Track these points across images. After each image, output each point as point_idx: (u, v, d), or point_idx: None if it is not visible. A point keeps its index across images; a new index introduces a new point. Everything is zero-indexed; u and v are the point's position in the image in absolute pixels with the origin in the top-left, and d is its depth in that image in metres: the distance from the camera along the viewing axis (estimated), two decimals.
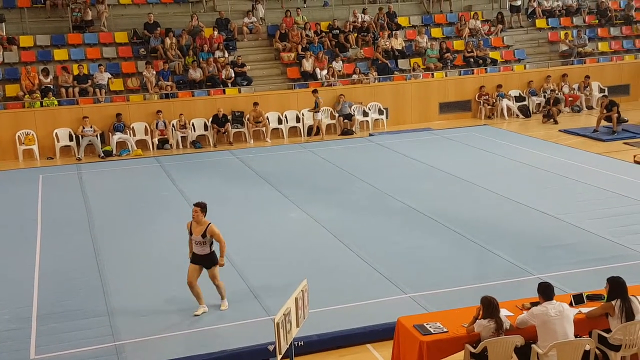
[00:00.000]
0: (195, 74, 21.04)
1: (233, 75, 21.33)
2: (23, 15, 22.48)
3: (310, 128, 20.81)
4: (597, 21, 26.23)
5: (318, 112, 20.37)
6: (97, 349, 8.09)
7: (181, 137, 19.82)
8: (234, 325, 8.52)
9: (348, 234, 11.61)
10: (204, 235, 8.68)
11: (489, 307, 6.80)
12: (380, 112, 21.61)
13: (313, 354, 8.00)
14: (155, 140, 19.64)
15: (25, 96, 19.70)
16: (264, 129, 20.38)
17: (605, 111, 19.26)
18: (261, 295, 9.32)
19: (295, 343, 7.42)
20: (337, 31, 23.55)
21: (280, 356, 6.29)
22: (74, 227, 12.72)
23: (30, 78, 19.95)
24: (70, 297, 9.27)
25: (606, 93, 22.57)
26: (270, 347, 7.70)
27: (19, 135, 19.06)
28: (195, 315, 8.76)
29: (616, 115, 19.03)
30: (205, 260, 8.82)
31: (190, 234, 8.81)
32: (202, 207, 8.79)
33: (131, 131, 19.64)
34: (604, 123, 19.31)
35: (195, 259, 8.86)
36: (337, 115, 20.95)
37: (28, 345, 8.23)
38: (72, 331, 8.50)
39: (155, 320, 8.78)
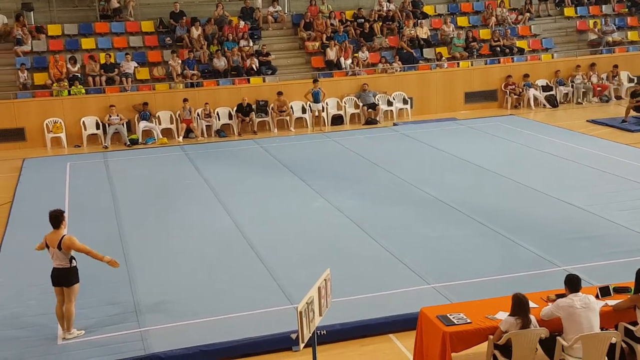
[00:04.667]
0: (220, 63, 21.09)
1: (257, 64, 21.36)
2: (51, 4, 22.70)
3: (334, 117, 20.77)
4: (626, 10, 25.77)
5: (319, 102, 20.22)
6: (122, 334, 8.19)
7: (206, 125, 19.91)
8: (258, 313, 8.56)
9: (372, 224, 11.59)
10: (60, 247, 7.94)
11: (518, 305, 6.70)
12: (405, 101, 21.49)
13: (335, 343, 8.02)
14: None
15: (54, 84, 19.92)
16: (288, 118, 20.39)
17: (631, 98, 19.01)
18: (284, 284, 9.35)
19: (318, 332, 7.43)
20: (362, 20, 23.43)
21: (303, 345, 6.31)
22: (101, 214, 12.87)
23: (58, 67, 20.16)
24: (96, 283, 9.36)
25: (635, 82, 22.19)
26: (293, 336, 7.73)
27: (47, 123, 19.29)
28: (65, 339, 8.08)
29: None
30: (64, 277, 7.99)
31: (47, 247, 8.07)
32: (53, 222, 8.03)
33: (157, 120, 19.78)
34: (632, 113, 19.03)
35: (54, 276, 8.05)
36: (361, 104, 20.88)
37: (55, 331, 8.35)
38: (98, 317, 8.62)
39: (180, 307, 8.85)
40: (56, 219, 8.12)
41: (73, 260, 8.09)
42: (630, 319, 7.09)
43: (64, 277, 8.06)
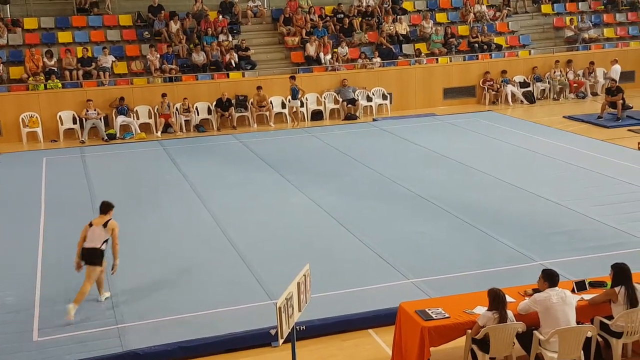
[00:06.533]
0: (199, 57, 20.97)
1: (237, 59, 21.27)
2: None
3: (313, 113, 20.76)
4: (602, 7, 26.06)
5: (297, 99, 20.22)
6: (100, 331, 8.13)
7: (185, 120, 19.79)
8: (237, 309, 8.54)
9: (351, 219, 11.61)
10: (105, 225, 8.60)
11: (495, 300, 6.75)
12: (384, 97, 21.54)
13: (315, 339, 8.03)
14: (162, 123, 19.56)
15: (29, 79, 19.68)
16: (267, 113, 20.34)
17: (607, 95, 19.27)
18: (264, 279, 9.34)
19: (297, 327, 7.45)
20: (342, 15, 23.44)
21: (282, 340, 6.31)
22: (78, 209, 12.73)
23: (34, 60, 19.92)
24: (73, 279, 9.26)
25: (610, 79, 22.46)
26: (273, 331, 7.73)
27: (22, 118, 19.05)
28: (99, 301, 8.78)
29: (621, 101, 18.97)
30: (91, 255, 8.55)
31: (90, 225, 8.66)
32: (103, 207, 8.79)
33: (135, 114, 19.63)
34: (608, 110, 19.26)
35: (84, 256, 8.59)
36: (340, 100, 20.89)
37: (31, 328, 8.27)
38: (75, 313, 8.52)
39: (159, 303, 8.80)
40: (107, 206, 8.82)
41: (104, 244, 8.57)
42: (605, 313, 7.17)
43: (93, 256, 8.54)
